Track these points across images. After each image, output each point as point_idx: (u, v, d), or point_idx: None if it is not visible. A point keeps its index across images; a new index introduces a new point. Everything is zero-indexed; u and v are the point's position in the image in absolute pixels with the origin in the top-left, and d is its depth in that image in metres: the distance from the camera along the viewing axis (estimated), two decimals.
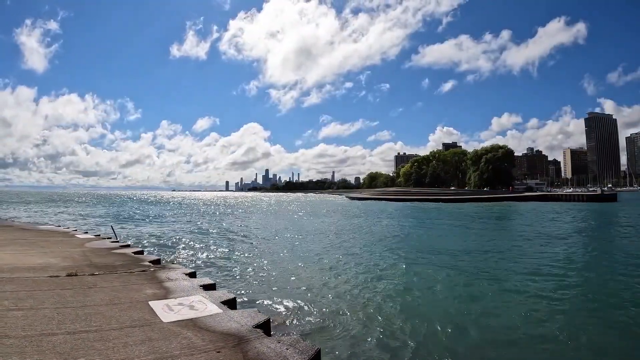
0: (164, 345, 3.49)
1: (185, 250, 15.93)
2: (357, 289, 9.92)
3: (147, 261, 8.09)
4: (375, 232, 23.74)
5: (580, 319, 7.85)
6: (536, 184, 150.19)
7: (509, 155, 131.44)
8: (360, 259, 14.02)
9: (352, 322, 7.46)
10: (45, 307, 4.55)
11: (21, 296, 4.99)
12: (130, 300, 4.99)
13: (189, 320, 4.26)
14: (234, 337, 3.74)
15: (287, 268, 12.50)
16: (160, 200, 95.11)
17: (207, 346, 3.50)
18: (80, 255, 8.61)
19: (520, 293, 9.57)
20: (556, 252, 15.37)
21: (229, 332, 3.88)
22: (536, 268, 12.21)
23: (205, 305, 4.84)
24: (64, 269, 6.84)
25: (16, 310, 4.39)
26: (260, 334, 3.88)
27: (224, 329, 3.97)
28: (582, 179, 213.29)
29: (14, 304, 4.65)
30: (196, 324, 4.13)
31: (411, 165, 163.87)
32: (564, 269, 12.11)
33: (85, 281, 5.97)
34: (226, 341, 3.64)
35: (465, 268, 12.12)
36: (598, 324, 7.54)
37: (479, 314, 7.94)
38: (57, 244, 10.39)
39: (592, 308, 8.57)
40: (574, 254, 15.11)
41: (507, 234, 23.34)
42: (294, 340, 3.76)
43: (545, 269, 12.22)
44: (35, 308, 4.51)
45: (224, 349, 3.45)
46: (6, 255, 8.21)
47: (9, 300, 4.76)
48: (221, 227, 27.00)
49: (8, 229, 14.94)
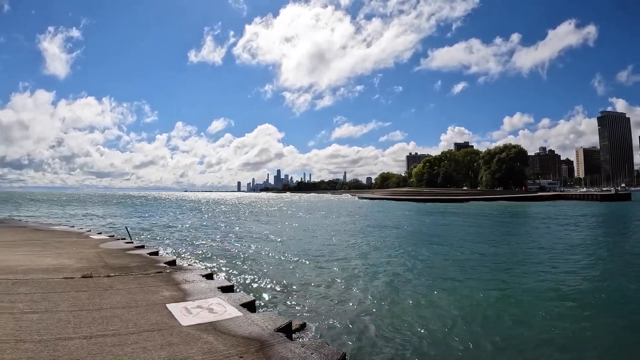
0: (185, 350, 3.38)
1: (201, 251, 15.81)
2: (380, 291, 9.62)
3: (162, 262, 7.97)
4: (395, 234, 23.24)
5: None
6: (549, 183, 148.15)
7: (522, 154, 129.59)
8: (383, 261, 13.64)
9: (377, 326, 7.20)
10: (61, 310, 4.43)
11: (36, 298, 4.87)
12: (148, 303, 4.86)
13: (208, 323, 4.13)
14: (256, 342, 3.63)
15: (306, 269, 12.28)
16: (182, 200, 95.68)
17: (229, 351, 3.40)
18: (95, 256, 8.52)
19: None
20: (589, 255, 14.88)
21: (251, 337, 3.76)
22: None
23: (225, 308, 4.71)
24: (79, 270, 6.74)
25: (31, 313, 4.27)
26: (283, 338, 3.76)
27: (245, 333, 3.85)
28: (595, 179, 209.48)
29: (29, 306, 4.53)
30: (216, 328, 3.99)
31: (423, 166, 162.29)
32: (597, 277, 11.64)
33: (100, 283, 5.85)
34: (248, 346, 3.53)
35: (501, 277, 11.53)
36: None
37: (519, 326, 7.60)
38: (71, 245, 10.33)
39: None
40: (601, 258, 14.63)
41: (533, 238, 22.78)
42: (319, 344, 3.65)
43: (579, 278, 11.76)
44: (51, 311, 4.39)
45: (247, 354, 3.35)
46: (20, 257, 8.15)
47: (23, 303, 4.64)
48: (237, 228, 26.95)
49: (22, 229, 15.02)
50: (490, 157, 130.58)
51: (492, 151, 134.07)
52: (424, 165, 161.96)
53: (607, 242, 19.45)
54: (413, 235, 22.27)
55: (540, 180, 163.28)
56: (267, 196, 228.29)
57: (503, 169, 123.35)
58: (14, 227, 16.20)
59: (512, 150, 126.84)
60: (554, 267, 12.30)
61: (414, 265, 12.76)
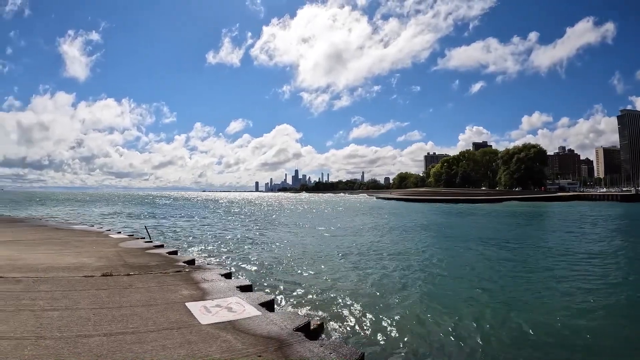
0: (204, 349, 3.38)
1: (219, 250, 15.85)
2: (399, 292, 9.46)
3: (181, 261, 7.98)
4: (417, 237, 22.83)
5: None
6: (569, 183, 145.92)
7: (541, 154, 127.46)
8: (404, 263, 13.33)
9: (396, 327, 7.05)
10: (81, 308, 4.44)
11: (56, 296, 4.89)
12: (167, 302, 4.85)
13: (227, 322, 4.12)
14: (275, 341, 3.62)
15: (324, 269, 12.16)
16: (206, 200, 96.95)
17: (248, 350, 3.37)
18: (114, 255, 8.57)
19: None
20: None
21: (270, 336, 3.75)
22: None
23: (243, 307, 4.68)
24: (99, 269, 6.77)
25: (51, 311, 4.28)
26: (301, 338, 3.75)
27: (264, 332, 3.83)
28: (615, 179, 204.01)
29: (49, 304, 4.55)
30: (235, 327, 3.98)
31: (441, 165, 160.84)
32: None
33: (120, 281, 5.86)
34: (267, 345, 3.53)
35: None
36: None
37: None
38: (91, 244, 10.44)
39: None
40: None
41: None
42: (338, 344, 3.63)
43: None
44: (71, 308, 4.41)
45: (265, 353, 3.32)
46: (41, 255, 8.25)
47: (44, 301, 4.66)
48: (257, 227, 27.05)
49: (42, 228, 15.29)
50: (509, 157, 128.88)
51: (510, 151, 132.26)
52: (442, 165, 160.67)
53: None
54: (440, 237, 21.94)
55: (560, 180, 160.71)
56: (286, 196, 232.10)
57: (522, 169, 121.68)
58: (34, 226, 16.50)
59: (531, 150, 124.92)
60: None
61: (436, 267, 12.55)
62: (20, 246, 9.69)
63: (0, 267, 6.61)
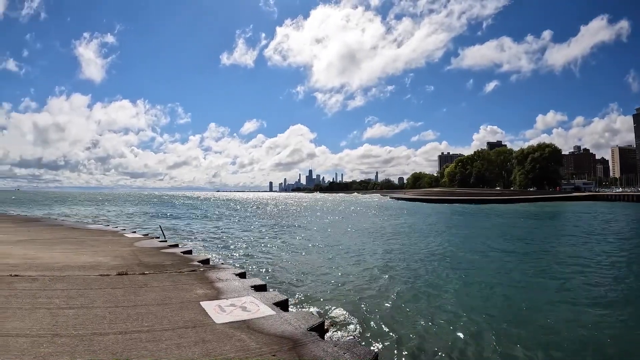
0: (218, 347, 3.38)
1: (233, 250, 15.89)
2: (414, 294, 9.32)
3: (196, 261, 7.98)
4: (436, 238, 22.44)
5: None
6: (584, 183, 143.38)
7: (556, 154, 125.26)
8: (420, 264, 13.12)
9: (410, 327, 6.97)
10: (96, 306, 4.46)
11: (72, 295, 4.91)
12: (182, 300, 4.86)
13: (241, 321, 4.12)
14: (289, 340, 3.61)
15: (338, 269, 12.10)
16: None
17: (262, 349, 3.39)
18: (129, 254, 8.61)
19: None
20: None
21: (284, 335, 3.76)
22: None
23: (258, 307, 4.68)
24: (114, 268, 6.80)
25: (67, 309, 4.30)
26: (315, 337, 3.76)
27: (278, 332, 3.85)
28: (631, 178, 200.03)
29: (65, 302, 4.57)
30: (249, 326, 3.99)
31: (455, 165, 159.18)
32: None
33: (135, 280, 5.87)
34: (281, 344, 3.52)
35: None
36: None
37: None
38: (106, 243, 10.52)
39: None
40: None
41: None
42: (351, 344, 3.64)
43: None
44: (87, 307, 4.43)
45: (279, 352, 3.33)
46: (57, 254, 8.34)
47: (60, 299, 4.69)
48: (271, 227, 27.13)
49: (58, 228, 15.50)
50: (524, 156, 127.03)
51: (525, 150, 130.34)
52: (456, 165, 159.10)
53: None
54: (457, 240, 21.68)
55: (575, 180, 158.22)
56: (299, 196, 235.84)
57: (537, 169, 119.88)
58: (50, 225, 16.74)
59: (546, 149, 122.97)
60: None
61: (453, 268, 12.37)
62: (37, 245, 9.82)
63: (17, 265, 6.68)
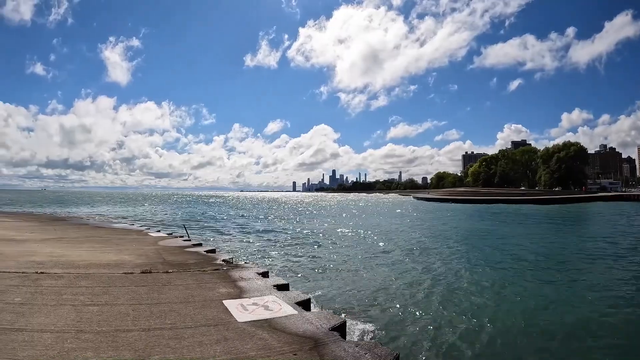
0: (240, 346, 3.39)
1: (256, 249, 15.96)
2: (435, 293, 9.16)
3: (219, 260, 7.99)
4: (458, 239, 21.93)
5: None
6: (610, 183, 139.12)
7: (582, 153, 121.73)
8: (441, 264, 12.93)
9: (430, 328, 6.91)
10: (120, 304, 4.49)
11: (96, 292, 4.96)
12: (204, 299, 4.85)
13: (264, 320, 4.11)
14: (310, 340, 3.60)
15: (361, 269, 11.99)
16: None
17: (283, 348, 3.38)
18: (153, 253, 8.70)
19: None
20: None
21: (305, 334, 3.73)
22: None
23: (280, 306, 4.66)
24: (138, 266, 6.86)
25: (92, 306, 4.34)
26: (337, 337, 3.71)
27: (299, 331, 3.83)
28: None
29: (90, 299, 4.62)
30: (271, 325, 3.98)
31: (479, 165, 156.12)
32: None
33: (159, 279, 5.90)
34: (302, 343, 3.50)
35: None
36: None
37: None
38: (131, 242, 10.68)
39: None
40: None
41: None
42: (372, 344, 3.58)
43: None
44: (110, 304, 4.46)
45: (301, 352, 3.32)
46: (83, 252, 8.50)
47: (84, 296, 4.73)
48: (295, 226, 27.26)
49: (84, 227, 15.88)
50: (549, 156, 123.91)
51: (550, 150, 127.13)
52: (480, 165, 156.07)
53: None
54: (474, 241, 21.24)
55: (601, 179, 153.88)
56: (322, 195, 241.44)
57: (562, 169, 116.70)
58: (76, 224, 17.17)
59: (571, 148, 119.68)
60: None
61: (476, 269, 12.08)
62: (63, 243, 10.04)
63: (43, 263, 6.81)
